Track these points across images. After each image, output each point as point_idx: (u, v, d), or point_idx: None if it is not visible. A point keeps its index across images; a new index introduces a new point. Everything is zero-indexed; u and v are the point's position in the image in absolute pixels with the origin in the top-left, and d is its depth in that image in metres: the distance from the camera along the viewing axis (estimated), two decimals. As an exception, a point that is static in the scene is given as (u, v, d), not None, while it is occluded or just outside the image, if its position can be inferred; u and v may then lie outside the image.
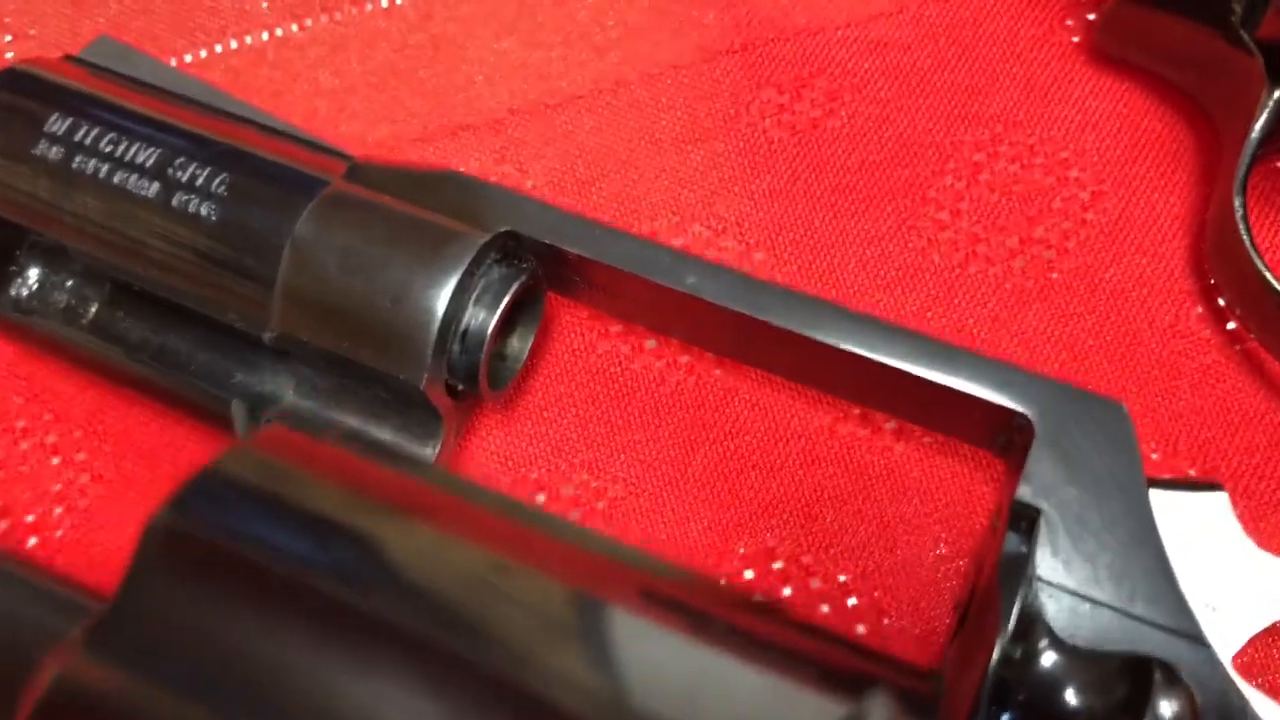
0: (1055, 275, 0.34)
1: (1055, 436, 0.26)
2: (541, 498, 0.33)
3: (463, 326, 0.29)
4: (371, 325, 0.28)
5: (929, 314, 0.34)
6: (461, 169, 0.36)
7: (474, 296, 0.29)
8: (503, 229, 0.29)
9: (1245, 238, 0.31)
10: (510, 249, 0.30)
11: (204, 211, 0.30)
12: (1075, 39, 0.37)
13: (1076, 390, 0.26)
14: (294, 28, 0.38)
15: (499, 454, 0.33)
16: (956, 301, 0.34)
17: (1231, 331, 0.33)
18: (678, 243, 0.35)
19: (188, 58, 0.38)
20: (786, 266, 0.35)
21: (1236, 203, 0.31)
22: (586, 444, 0.33)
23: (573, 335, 0.34)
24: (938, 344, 0.27)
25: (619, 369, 0.34)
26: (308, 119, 0.37)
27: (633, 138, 0.36)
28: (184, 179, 0.30)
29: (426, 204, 0.30)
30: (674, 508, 0.32)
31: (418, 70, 0.37)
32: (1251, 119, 0.31)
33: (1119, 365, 0.33)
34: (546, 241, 0.29)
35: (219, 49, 0.38)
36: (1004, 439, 0.28)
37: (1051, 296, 0.34)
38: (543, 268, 0.30)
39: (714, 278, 0.28)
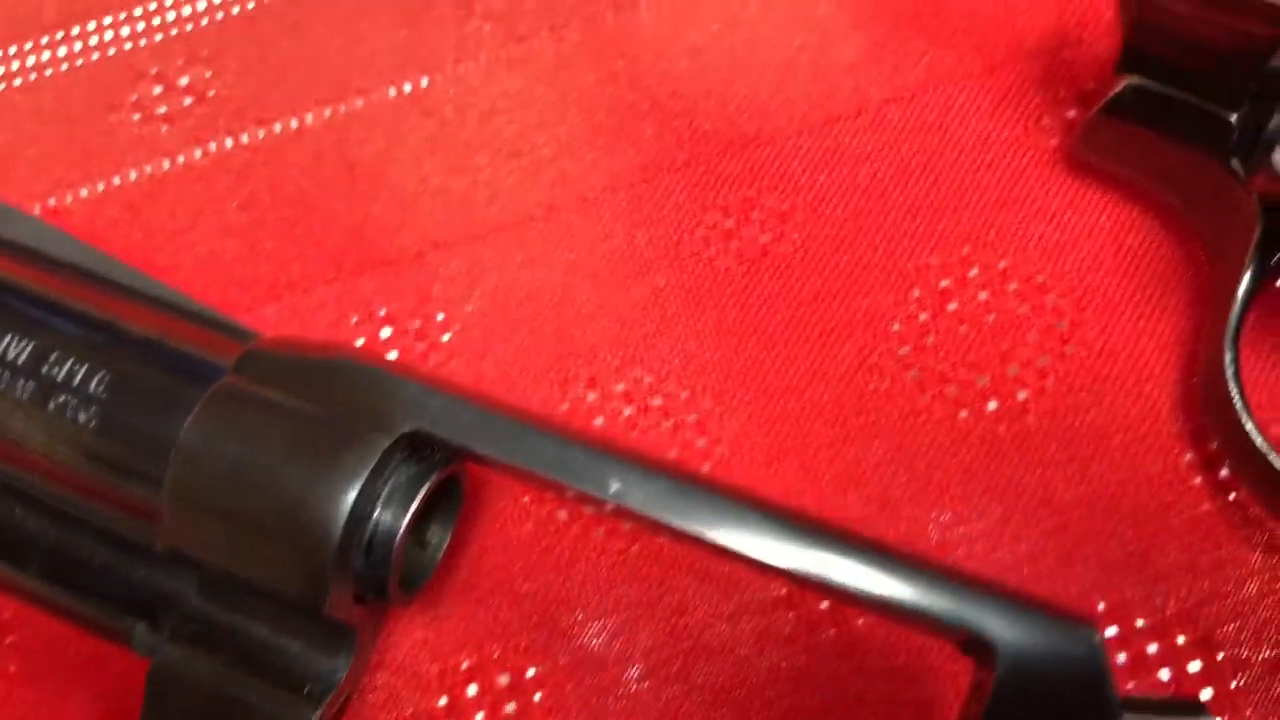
0: (1031, 419, 0.31)
1: (1020, 672, 0.24)
2: (473, 690, 0.30)
3: (366, 538, 0.26)
4: (264, 545, 0.26)
5: (892, 466, 0.31)
6: (382, 311, 0.33)
7: (379, 503, 0.26)
8: (407, 429, 0.26)
9: (1236, 396, 0.28)
10: (420, 442, 0.27)
11: (82, 417, 0.27)
12: (1053, 141, 0.33)
13: (1043, 619, 0.24)
14: (197, 153, 0.35)
15: (425, 643, 0.30)
16: (923, 451, 0.31)
17: (1224, 480, 0.30)
18: (619, 389, 0.32)
19: (83, 192, 0.35)
20: (735, 415, 0.32)
21: (1227, 357, 0.28)
22: (522, 624, 0.31)
23: (503, 500, 0.32)
24: (894, 561, 0.24)
25: (555, 538, 0.31)
26: (215, 259, 0.34)
27: (568, 271, 0.33)
28: (60, 377, 0.27)
29: (325, 397, 0.27)
30: (617, 699, 0.30)
31: (332, 201, 0.34)
32: (1243, 258, 0.28)
33: (1101, 519, 0.30)
34: (455, 443, 0.26)
35: (117, 181, 0.35)
36: (968, 649, 0.25)
37: (1027, 443, 0.31)
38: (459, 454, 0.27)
39: (640, 483, 0.25)
